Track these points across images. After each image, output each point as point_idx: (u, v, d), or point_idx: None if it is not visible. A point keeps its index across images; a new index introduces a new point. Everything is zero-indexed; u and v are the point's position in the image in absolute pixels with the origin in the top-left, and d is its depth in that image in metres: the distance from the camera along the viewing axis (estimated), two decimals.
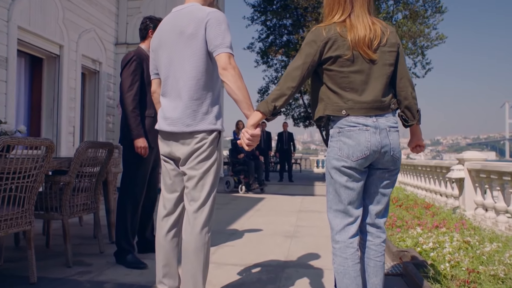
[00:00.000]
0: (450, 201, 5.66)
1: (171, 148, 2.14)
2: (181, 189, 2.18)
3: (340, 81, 1.83)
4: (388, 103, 1.87)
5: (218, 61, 2.00)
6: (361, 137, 1.80)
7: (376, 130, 1.82)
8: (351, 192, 1.86)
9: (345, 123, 1.83)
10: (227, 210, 6.41)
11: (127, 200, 3.22)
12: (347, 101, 1.82)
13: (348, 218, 1.88)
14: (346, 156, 1.82)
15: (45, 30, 6.51)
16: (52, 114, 6.95)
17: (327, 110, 1.86)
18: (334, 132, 1.88)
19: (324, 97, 1.88)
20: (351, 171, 1.83)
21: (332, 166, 1.87)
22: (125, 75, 3.19)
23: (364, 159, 1.82)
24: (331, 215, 1.92)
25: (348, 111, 1.82)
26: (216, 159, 2.11)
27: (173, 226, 2.19)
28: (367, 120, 1.82)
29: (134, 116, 3.12)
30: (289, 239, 4.29)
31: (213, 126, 2.08)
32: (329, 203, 1.93)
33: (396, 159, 1.89)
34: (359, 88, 1.82)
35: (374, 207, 1.94)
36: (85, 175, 3.33)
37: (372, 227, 1.97)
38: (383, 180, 1.92)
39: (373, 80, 1.84)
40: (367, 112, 1.82)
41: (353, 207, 1.88)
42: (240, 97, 1.98)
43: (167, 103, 2.14)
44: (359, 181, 1.86)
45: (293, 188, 10.54)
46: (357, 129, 1.81)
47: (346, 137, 1.82)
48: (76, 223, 4.78)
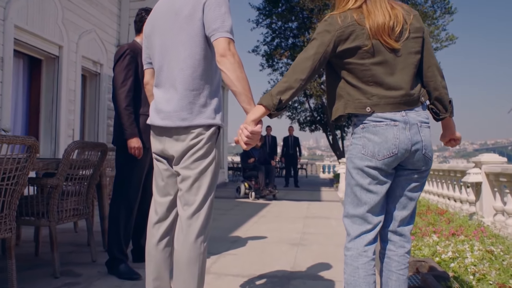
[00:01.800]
0: (466, 207, 5.37)
1: (164, 145, 1.89)
2: (175, 192, 1.94)
3: (361, 74, 1.61)
4: (417, 96, 1.64)
5: (216, 47, 1.75)
6: (389, 133, 1.58)
7: (406, 125, 1.59)
8: (374, 196, 1.62)
9: (370, 118, 1.61)
10: (230, 216, 6.16)
11: (120, 205, 2.98)
12: (371, 97, 1.60)
13: (366, 225, 1.65)
14: (370, 155, 1.59)
15: (44, 30, 6.33)
16: (51, 117, 6.76)
17: (349, 108, 1.63)
18: (357, 128, 1.65)
19: (344, 94, 1.65)
20: (375, 172, 1.60)
21: (354, 165, 1.64)
22: (118, 69, 2.96)
23: (391, 158, 1.59)
24: (348, 220, 1.69)
25: (373, 107, 1.60)
26: (214, 157, 1.86)
27: (165, 234, 1.93)
28: (395, 115, 1.59)
29: (127, 114, 2.89)
30: (296, 247, 4.02)
31: (211, 120, 1.83)
32: (346, 207, 1.70)
33: (428, 159, 1.66)
34: (383, 82, 1.60)
35: (399, 212, 1.70)
36: (75, 178, 3.09)
37: (395, 235, 1.73)
38: (412, 182, 1.68)
39: (399, 71, 1.61)
40: (394, 108, 1.60)
41: (373, 214, 1.65)
42: (240, 89, 1.73)
43: (160, 95, 1.90)
44: (384, 184, 1.63)
45: (299, 194, 10.27)
46: (384, 124, 1.59)
47: (371, 133, 1.60)
48: (71, 229, 4.55)
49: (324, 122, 18.69)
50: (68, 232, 4.47)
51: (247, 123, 1.65)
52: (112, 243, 2.96)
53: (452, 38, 12.98)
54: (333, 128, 17.05)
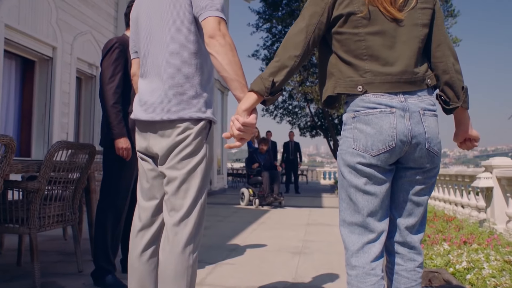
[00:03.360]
0: (475, 213, 5.13)
1: (148, 142, 1.67)
2: (162, 196, 1.71)
3: (354, 46, 1.36)
4: (422, 76, 1.38)
5: (205, 27, 1.54)
6: (384, 122, 1.32)
7: (405, 112, 1.33)
8: (372, 198, 1.36)
9: (361, 104, 1.35)
10: (228, 223, 5.92)
11: (107, 211, 2.74)
12: (365, 73, 1.35)
13: (368, 234, 1.38)
14: (363, 149, 1.34)
15: (37, 30, 6.13)
16: (44, 120, 6.54)
17: (338, 87, 1.39)
18: (347, 117, 1.40)
19: (335, 71, 1.41)
20: (370, 170, 1.35)
21: (344, 163, 1.39)
22: (105, 64, 2.75)
23: (387, 153, 1.33)
24: (345, 230, 1.42)
25: (366, 86, 1.34)
26: (205, 155, 1.63)
27: (150, 243, 1.70)
28: (392, 100, 1.33)
29: (115, 112, 2.67)
30: (297, 256, 3.78)
31: (201, 114, 1.61)
32: (342, 214, 1.43)
33: (434, 155, 1.39)
34: (380, 55, 1.35)
35: (404, 220, 1.44)
36: (60, 182, 2.86)
37: (402, 246, 1.46)
38: (416, 184, 1.41)
39: (400, 44, 1.36)
40: (392, 87, 1.34)
41: (375, 219, 1.38)
42: (231, 74, 1.51)
43: (144, 85, 1.68)
44: (383, 184, 1.37)
45: (300, 200, 10.03)
46: (377, 112, 1.33)
47: (363, 123, 1.34)
48: (60, 236, 4.31)
49: (325, 127, 18.47)
50: (57, 239, 4.23)
51: (239, 113, 1.42)
52: (99, 252, 2.72)
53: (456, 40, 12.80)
54: (334, 133, 16.82)
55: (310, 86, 13.11)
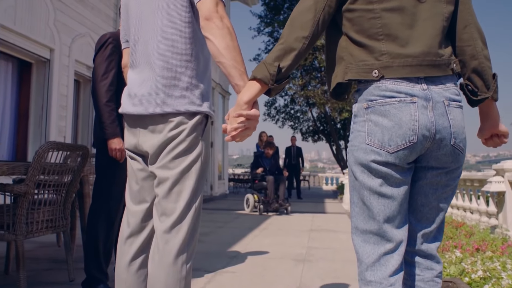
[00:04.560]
0: (485, 219, 4.94)
1: (137, 138, 1.51)
2: (153, 199, 1.55)
3: (368, 25, 1.19)
4: (447, 60, 1.20)
5: (200, 9, 1.38)
6: (404, 113, 1.14)
7: (427, 103, 1.15)
8: (389, 202, 1.18)
9: (377, 93, 1.17)
10: (228, 229, 5.73)
11: (99, 216, 2.57)
12: (381, 56, 1.17)
13: (385, 243, 1.20)
14: (379, 145, 1.16)
15: (34, 32, 6.00)
16: (41, 123, 6.40)
17: (350, 73, 1.21)
18: (359, 108, 1.22)
19: (345, 55, 1.23)
20: (387, 169, 1.17)
21: (356, 161, 1.21)
22: (98, 60, 2.59)
23: (407, 149, 1.15)
24: (358, 239, 1.24)
25: (383, 71, 1.17)
26: (200, 154, 1.47)
27: (139, 252, 1.53)
28: (412, 87, 1.16)
29: (108, 111, 2.51)
30: (301, 264, 3.61)
31: (196, 107, 1.45)
32: (354, 220, 1.26)
33: (459, 152, 1.21)
34: (398, 35, 1.17)
35: (421, 226, 1.27)
36: (50, 185, 2.69)
37: (419, 255, 1.29)
38: (438, 186, 1.24)
39: (422, 22, 1.19)
40: (413, 71, 1.16)
41: (392, 226, 1.20)
42: (228, 60, 1.34)
43: (133, 76, 1.52)
44: (401, 185, 1.19)
45: (303, 206, 9.83)
46: (396, 101, 1.15)
47: (378, 115, 1.17)
48: (53, 243, 4.14)
49: (327, 132, 18.31)
50: (50, 246, 4.06)
51: (239, 106, 1.26)
52: (90, 260, 2.55)
53: None
54: (336, 138, 16.66)
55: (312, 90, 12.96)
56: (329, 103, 12.22)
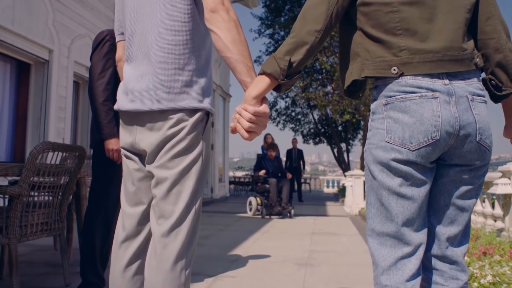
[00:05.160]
0: (491, 222, 4.85)
1: (134, 136, 1.43)
2: (150, 201, 1.46)
3: (385, 19, 1.13)
4: (470, 54, 1.14)
5: (205, 2, 1.30)
6: (425, 109, 1.09)
7: (450, 97, 1.09)
8: (408, 203, 1.12)
9: (396, 88, 1.11)
10: (229, 232, 5.65)
11: (96, 218, 2.50)
12: (400, 52, 1.12)
13: (402, 247, 1.14)
14: (399, 143, 1.10)
15: (32, 32, 5.94)
16: (39, 125, 6.32)
17: (367, 70, 1.15)
18: (377, 105, 1.16)
19: (361, 51, 1.18)
20: (408, 168, 1.11)
21: (375, 159, 1.15)
22: (95, 58, 2.52)
23: (430, 146, 1.09)
24: (374, 241, 1.18)
25: (402, 67, 1.11)
26: (201, 153, 1.39)
27: (135, 256, 1.45)
28: (433, 82, 1.10)
29: (105, 110, 2.44)
30: (303, 268, 3.52)
31: (197, 103, 1.37)
32: (370, 222, 1.19)
33: (486, 149, 1.15)
34: (418, 29, 1.12)
35: (445, 229, 1.20)
36: (45, 187, 2.61)
37: (442, 261, 1.21)
38: (462, 184, 1.17)
39: (442, 15, 1.13)
40: (434, 67, 1.10)
41: (411, 229, 1.14)
42: (235, 55, 1.27)
43: (130, 70, 1.44)
44: (422, 185, 1.13)
45: (304, 208, 9.74)
46: (417, 97, 1.09)
47: (398, 111, 1.11)
48: (50, 246, 4.05)
49: (328, 134, 18.23)
50: (46, 249, 3.98)
51: (247, 102, 1.20)
52: (86, 264, 2.48)
53: None
54: (337, 140, 16.58)
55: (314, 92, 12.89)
56: (330, 105, 12.14)
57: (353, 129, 18.62)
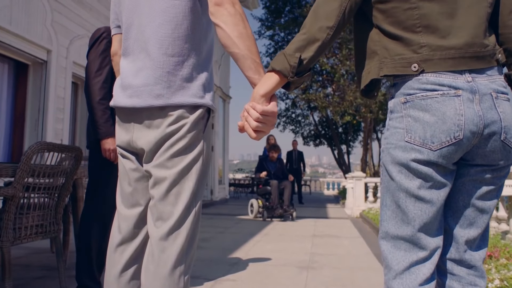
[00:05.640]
0: (495, 225, 4.79)
1: (131, 134, 1.36)
2: (147, 202, 1.40)
3: (404, 16, 1.08)
4: (492, 50, 1.09)
5: None
6: (447, 107, 1.04)
7: (474, 95, 1.04)
8: (427, 207, 1.07)
9: (416, 86, 1.07)
10: (229, 234, 5.57)
11: (92, 221, 2.43)
12: (420, 49, 1.07)
13: (417, 251, 1.09)
14: (420, 142, 1.05)
15: (30, 32, 5.88)
16: (37, 126, 6.26)
17: (386, 68, 1.10)
18: (396, 103, 1.11)
19: (378, 49, 1.13)
20: (428, 170, 1.06)
21: (393, 160, 1.09)
22: (92, 56, 2.46)
23: (452, 146, 1.04)
24: (388, 244, 1.13)
25: (423, 64, 1.06)
26: (202, 152, 1.32)
27: (132, 261, 1.38)
28: (456, 79, 1.05)
29: (101, 109, 2.37)
30: (305, 271, 3.45)
31: (198, 99, 1.30)
32: (385, 224, 1.14)
33: (510, 149, 1.10)
34: (439, 26, 1.07)
35: (463, 231, 1.14)
36: (40, 188, 2.54)
37: (460, 265, 1.15)
38: (483, 184, 1.12)
39: (463, 10, 1.07)
40: (456, 64, 1.05)
41: (428, 233, 1.09)
42: (243, 50, 1.21)
43: (127, 64, 1.38)
44: (442, 188, 1.08)
45: (304, 211, 9.66)
46: (438, 95, 1.05)
47: (419, 110, 1.06)
48: (47, 249, 3.98)
49: (329, 136, 18.17)
50: (43, 252, 3.90)
51: (255, 100, 1.15)
52: (82, 268, 2.41)
53: None
54: (338, 142, 16.51)
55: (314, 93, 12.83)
56: (331, 106, 12.08)
57: (354, 131, 18.56)
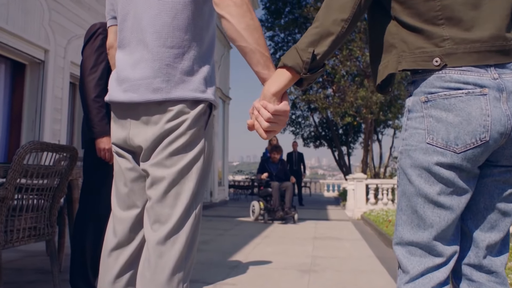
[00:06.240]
0: None
1: (128, 131, 1.27)
2: (144, 204, 1.31)
3: (425, 8, 1.01)
4: None
5: None
6: (473, 107, 0.97)
7: (501, 93, 0.98)
8: (446, 214, 1.01)
9: (439, 84, 0.99)
10: (228, 237, 5.48)
11: (87, 223, 2.35)
12: (443, 41, 1.00)
13: (432, 258, 1.03)
14: (443, 144, 0.99)
15: (27, 32, 5.80)
16: (34, 126, 6.17)
17: (404, 62, 1.03)
18: (415, 102, 1.04)
19: (397, 42, 1.06)
20: (451, 174, 0.99)
21: (414, 163, 1.03)
22: (87, 52, 2.38)
23: (479, 148, 0.97)
24: (402, 250, 1.06)
25: (446, 58, 0.99)
26: (203, 150, 1.24)
27: (127, 266, 1.29)
28: (481, 77, 0.98)
29: (96, 107, 2.29)
30: (306, 275, 3.36)
31: (199, 94, 1.22)
32: (400, 229, 1.07)
33: None
34: (462, 17, 1.00)
35: (484, 235, 1.06)
36: (34, 189, 2.46)
37: (480, 271, 1.08)
38: (506, 185, 1.05)
39: (488, 1, 1.01)
40: (481, 58, 0.98)
41: (445, 240, 1.03)
42: (251, 44, 1.14)
43: (123, 57, 1.29)
44: (463, 194, 1.01)
45: (305, 212, 9.58)
46: (463, 94, 0.97)
47: (441, 109, 0.99)
48: (42, 252, 3.89)
49: (329, 137, 18.09)
50: (38, 255, 3.81)
51: (266, 99, 1.09)
52: (76, 271, 2.33)
53: None
54: (338, 143, 16.43)
55: (314, 94, 12.75)
56: (331, 107, 12.00)
57: (354, 132, 18.48)
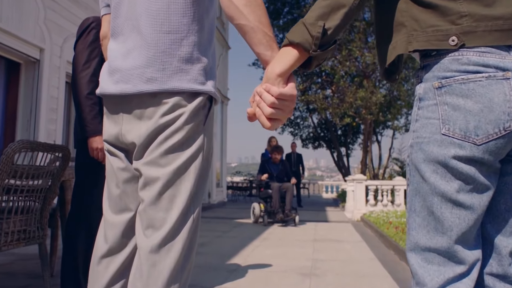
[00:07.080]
0: None
1: (120, 127, 1.17)
2: (137, 207, 1.20)
3: None
4: None
5: None
6: (495, 92, 0.85)
7: None
8: (466, 214, 0.89)
9: (455, 67, 0.88)
10: (227, 239, 5.38)
11: (79, 226, 2.25)
12: (460, 18, 0.89)
13: (454, 266, 0.91)
14: (461, 135, 0.87)
15: (22, 30, 5.70)
16: (29, 126, 6.07)
17: (415, 42, 0.92)
18: (427, 88, 0.92)
19: (406, 20, 0.94)
20: (470, 169, 0.87)
21: (427, 157, 0.91)
22: (80, 47, 2.28)
23: (502, 139, 0.86)
24: (417, 258, 0.94)
25: (463, 37, 0.88)
26: (201, 148, 1.13)
27: (119, 275, 1.19)
28: (503, 59, 0.86)
29: (89, 105, 2.19)
30: (307, 278, 3.26)
31: (198, 85, 1.12)
32: (414, 234, 0.95)
33: None
34: None
35: (507, 240, 0.95)
36: (23, 191, 2.35)
37: (505, 282, 0.96)
38: None
39: None
40: (503, 37, 0.87)
41: (466, 244, 0.91)
42: (252, 21, 1.03)
43: (116, 46, 1.19)
44: (485, 192, 0.90)
45: (304, 214, 9.47)
46: (483, 78, 0.86)
47: (458, 96, 0.87)
48: (34, 255, 3.77)
49: (328, 138, 18.00)
50: (31, 258, 3.71)
51: (270, 81, 0.96)
52: (67, 276, 2.22)
53: None
54: (337, 144, 16.34)
55: (313, 95, 12.67)
56: (330, 108, 11.91)
57: (353, 133, 18.40)
